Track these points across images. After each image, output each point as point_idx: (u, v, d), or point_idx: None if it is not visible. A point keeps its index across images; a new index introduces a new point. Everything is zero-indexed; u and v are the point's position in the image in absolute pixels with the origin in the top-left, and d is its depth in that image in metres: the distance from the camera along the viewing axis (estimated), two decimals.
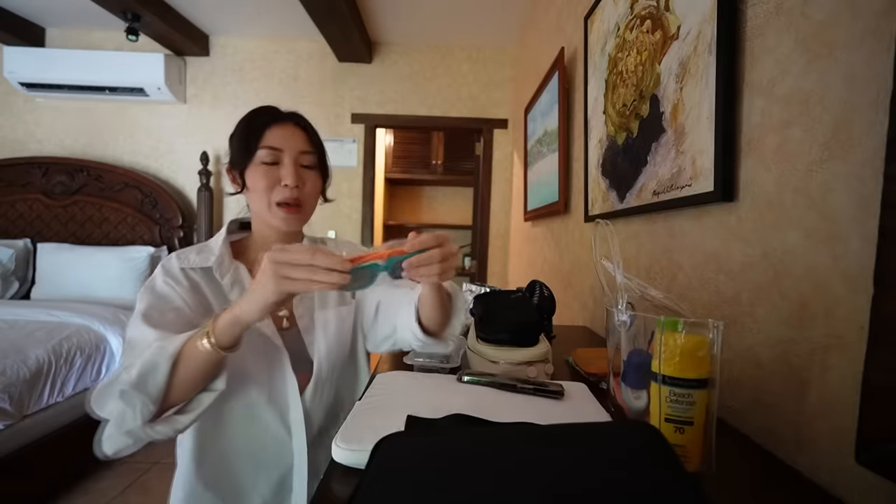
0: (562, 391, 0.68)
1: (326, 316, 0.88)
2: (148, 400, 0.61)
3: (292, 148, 0.80)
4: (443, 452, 0.39)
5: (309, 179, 0.83)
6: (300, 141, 0.82)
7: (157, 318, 0.70)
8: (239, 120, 0.83)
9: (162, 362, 0.61)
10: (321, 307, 0.88)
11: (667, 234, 0.95)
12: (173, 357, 0.62)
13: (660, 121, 0.94)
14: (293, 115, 0.85)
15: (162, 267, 0.79)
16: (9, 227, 2.88)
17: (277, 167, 0.79)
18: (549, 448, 0.38)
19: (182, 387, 0.64)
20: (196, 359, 0.62)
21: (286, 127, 0.81)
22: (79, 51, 2.84)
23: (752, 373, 0.66)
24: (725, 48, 0.72)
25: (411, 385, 0.72)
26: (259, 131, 0.79)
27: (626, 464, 0.37)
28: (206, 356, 0.62)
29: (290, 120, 0.83)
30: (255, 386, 0.78)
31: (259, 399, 0.78)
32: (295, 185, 0.79)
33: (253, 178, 0.80)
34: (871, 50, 0.48)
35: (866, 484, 0.47)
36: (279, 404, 0.79)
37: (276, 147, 0.79)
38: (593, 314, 1.40)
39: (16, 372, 1.72)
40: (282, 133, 0.80)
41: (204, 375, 0.65)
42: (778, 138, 0.62)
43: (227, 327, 0.61)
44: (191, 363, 0.62)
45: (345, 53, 2.99)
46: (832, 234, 0.53)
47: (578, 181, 1.56)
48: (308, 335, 0.85)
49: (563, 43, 1.78)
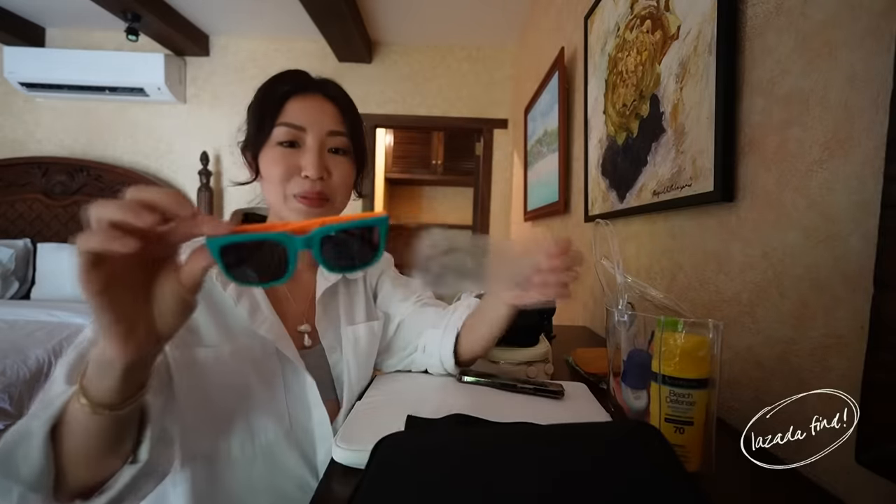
0: (562, 391, 0.68)
1: (356, 333, 0.73)
2: (23, 486, 0.40)
3: (318, 126, 0.63)
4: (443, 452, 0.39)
5: (337, 167, 0.65)
6: (330, 118, 0.65)
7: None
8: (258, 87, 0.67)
9: (35, 431, 0.40)
10: (349, 322, 0.73)
11: (667, 234, 0.95)
12: (52, 421, 0.40)
13: (660, 121, 0.94)
14: (323, 83, 0.68)
15: None
16: (9, 227, 2.88)
17: (298, 151, 0.63)
18: (549, 448, 0.38)
19: (82, 461, 0.41)
20: (77, 423, 0.39)
21: (313, 99, 0.65)
22: (79, 51, 2.84)
23: (752, 373, 0.66)
24: (725, 48, 0.72)
25: (411, 385, 0.72)
26: (278, 103, 0.63)
27: (626, 464, 0.37)
28: (89, 420, 0.38)
29: (317, 90, 0.66)
30: (270, 421, 0.60)
31: (276, 438, 0.60)
32: (318, 177, 0.62)
33: (267, 162, 0.64)
34: (871, 50, 0.48)
35: (866, 484, 0.47)
36: (303, 443, 0.62)
37: (297, 125, 0.63)
38: (593, 314, 1.40)
39: (16, 372, 1.72)
40: (306, 106, 0.64)
41: (100, 447, 0.41)
42: (778, 138, 0.62)
43: (94, 372, 0.37)
44: (74, 433, 0.40)
45: (345, 53, 2.99)
46: (832, 234, 0.53)
47: (578, 181, 1.55)
48: (333, 354, 0.69)
49: (563, 43, 1.78)
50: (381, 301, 0.81)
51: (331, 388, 0.68)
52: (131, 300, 0.33)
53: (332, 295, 0.73)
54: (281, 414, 0.61)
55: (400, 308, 0.79)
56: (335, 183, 0.65)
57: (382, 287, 0.82)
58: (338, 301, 0.74)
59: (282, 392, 0.62)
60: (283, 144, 0.63)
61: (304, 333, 0.69)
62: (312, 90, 0.66)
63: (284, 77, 0.66)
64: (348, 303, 0.75)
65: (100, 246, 0.29)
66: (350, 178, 0.68)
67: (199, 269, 0.34)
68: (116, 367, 0.35)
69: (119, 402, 0.38)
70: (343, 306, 0.74)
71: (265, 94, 0.65)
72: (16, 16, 2.81)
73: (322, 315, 0.70)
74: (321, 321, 0.70)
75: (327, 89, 0.67)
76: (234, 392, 0.58)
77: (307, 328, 0.69)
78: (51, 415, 0.40)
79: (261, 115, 0.64)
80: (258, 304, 0.63)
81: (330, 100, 0.66)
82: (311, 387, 0.63)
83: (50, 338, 1.97)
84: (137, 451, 0.44)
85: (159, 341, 0.36)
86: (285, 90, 0.64)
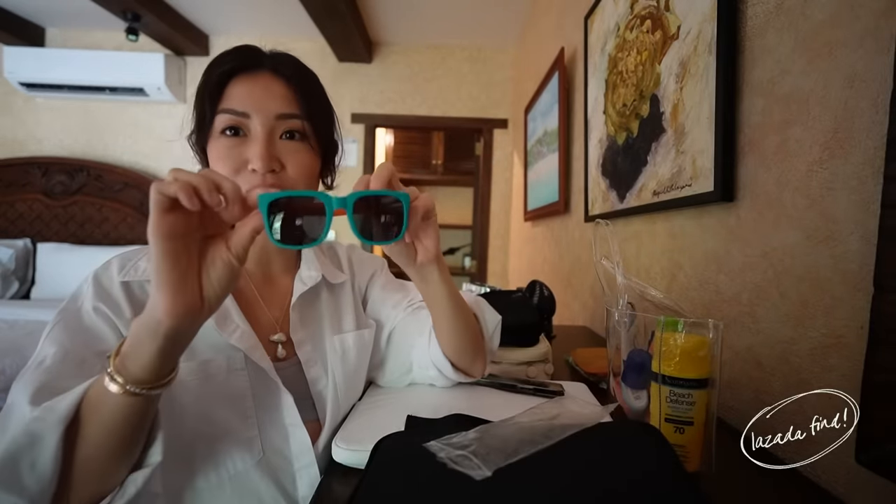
0: (562, 391, 0.68)
1: (344, 343, 0.64)
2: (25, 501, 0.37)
3: (265, 110, 0.54)
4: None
5: (292, 157, 0.56)
6: (279, 99, 0.55)
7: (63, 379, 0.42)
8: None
9: (47, 433, 0.37)
10: (336, 331, 0.65)
11: (667, 234, 0.95)
12: (66, 420, 0.38)
13: (660, 121, 0.94)
14: (272, 56, 0.58)
15: (94, 280, 0.52)
16: (9, 227, 2.88)
17: (245, 140, 0.54)
18: (549, 447, 0.38)
19: (90, 465, 0.39)
20: (104, 409, 0.38)
21: (259, 78, 0.55)
22: (79, 51, 2.84)
23: (752, 373, 0.66)
24: (725, 48, 0.72)
25: (411, 385, 0.72)
26: (218, 86, 0.55)
27: (625, 464, 0.37)
28: (117, 404, 0.37)
29: (265, 67, 0.56)
30: (237, 449, 0.51)
31: (245, 468, 0.51)
32: (268, 170, 0.53)
33: (213, 157, 0.55)
34: (870, 50, 0.48)
35: (866, 484, 0.47)
36: (280, 474, 0.54)
37: (239, 111, 0.53)
38: (593, 314, 1.40)
39: (16, 372, 1.72)
40: (251, 88, 0.55)
41: (121, 440, 0.39)
42: (778, 138, 0.62)
43: (131, 342, 0.37)
44: (96, 427, 0.38)
45: (345, 53, 2.99)
46: (832, 234, 0.53)
47: (578, 181, 1.56)
48: (312, 368, 0.61)
49: (563, 43, 1.78)
50: (371, 307, 0.72)
51: (310, 408, 0.59)
52: (186, 259, 0.36)
53: (311, 301, 0.65)
54: (250, 440, 0.52)
55: (391, 315, 0.70)
56: (292, 175, 0.55)
57: (372, 292, 0.73)
58: (320, 309, 0.66)
59: (252, 413, 0.53)
60: (227, 133, 0.54)
61: (277, 344, 0.60)
62: (258, 68, 0.56)
63: (226, 55, 0.56)
64: (334, 310, 0.67)
65: (175, 193, 0.34)
66: (311, 169, 0.58)
67: (246, 234, 0.37)
68: (161, 330, 0.35)
69: (153, 380, 0.38)
70: (328, 314, 0.66)
71: (206, 76, 0.56)
72: (16, 16, 2.81)
73: (298, 324, 0.61)
74: (297, 331, 0.61)
75: (276, 64, 0.57)
76: (194, 416, 0.50)
77: (281, 338, 0.60)
78: (61, 416, 0.38)
79: (202, 102, 0.56)
80: (227, 311, 0.56)
81: (279, 77, 0.56)
82: (289, 405, 0.55)
83: None
84: (147, 452, 0.43)
85: (203, 310, 0.37)
86: (225, 69, 0.55)
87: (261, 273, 0.64)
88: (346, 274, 0.72)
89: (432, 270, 0.55)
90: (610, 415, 0.61)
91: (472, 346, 0.63)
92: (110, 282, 0.52)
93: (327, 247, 0.75)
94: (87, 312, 0.50)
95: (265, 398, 0.55)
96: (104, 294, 0.51)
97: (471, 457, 0.36)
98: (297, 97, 0.57)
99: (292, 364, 0.60)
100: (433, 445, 0.38)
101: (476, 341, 0.64)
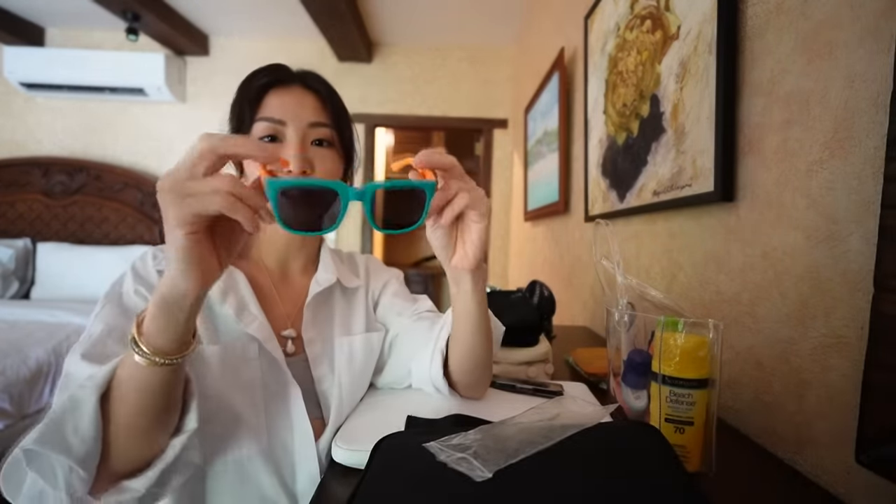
0: (562, 391, 0.68)
1: (352, 344, 0.67)
2: (72, 460, 0.40)
3: (299, 119, 0.61)
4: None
5: (322, 161, 0.62)
6: (310, 110, 0.63)
7: (110, 346, 0.50)
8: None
9: (85, 398, 0.41)
10: (345, 332, 0.68)
11: (667, 234, 0.95)
12: (101, 388, 0.42)
13: (660, 121, 0.94)
14: (302, 74, 0.66)
15: (132, 269, 0.58)
16: (9, 227, 2.88)
17: (280, 146, 0.61)
18: (549, 448, 0.38)
19: (132, 431, 0.43)
20: (135, 382, 0.41)
21: (292, 91, 0.63)
22: (79, 51, 2.84)
23: (752, 373, 0.66)
24: (725, 48, 0.72)
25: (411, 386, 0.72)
26: (256, 97, 0.62)
27: (626, 464, 0.37)
28: (147, 376, 0.41)
29: (296, 82, 0.64)
30: (246, 435, 0.55)
31: (250, 455, 0.55)
32: (301, 171, 0.60)
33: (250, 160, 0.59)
34: (871, 50, 0.48)
35: (866, 484, 0.47)
36: (281, 465, 0.56)
37: (277, 119, 0.61)
38: (593, 314, 1.40)
39: (16, 372, 1.72)
40: (285, 100, 0.62)
41: (155, 408, 0.43)
42: (778, 138, 0.62)
43: (154, 317, 0.40)
44: (131, 393, 0.42)
45: (345, 53, 2.99)
46: (832, 234, 0.53)
47: (578, 181, 1.56)
48: (318, 366, 0.64)
49: (562, 43, 1.78)
50: (380, 312, 0.75)
51: (315, 406, 0.61)
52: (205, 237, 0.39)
53: (324, 302, 0.68)
54: (257, 427, 0.55)
55: (395, 322, 0.72)
56: (320, 176, 0.61)
57: (383, 298, 0.76)
58: (332, 310, 0.69)
59: (261, 402, 0.57)
60: (265, 140, 0.61)
61: (287, 339, 0.64)
62: (291, 82, 0.64)
63: (262, 72, 0.64)
64: (346, 312, 0.70)
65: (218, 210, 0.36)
66: (337, 172, 0.65)
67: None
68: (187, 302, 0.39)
69: (176, 350, 0.41)
70: (339, 316, 0.69)
71: (244, 88, 0.64)
72: (16, 16, 2.82)
73: (310, 322, 0.65)
74: (308, 329, 0.65)
75: (308, 80, 0.65)
76: (212, 398, 0.53)
77: (292, 333, 0.64)
78: (98, 383, 0.42)
79: (240, 112, 0.62)
80: (245, 303, 0.60)
81: (310, 91, 0.64)
82: (296, 397, 0.58)
83: (50, 338, 1.97)
84: (184, 419, 0.47)
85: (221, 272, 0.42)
86: (262, 83, 0.63)
87: (279, 271, 0.69)
88: (361, 280, 0.74)
89: (465, 279, 0.54)
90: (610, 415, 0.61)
91: (481, 369, 0.63)
92: (146, 270, 0.59)
93: (346, 255, 0.79)
94: (127, 294, 0.56)
95: (274, 389, 0.58)
96: (142, 279, 0.57)
97: (471, 459, 0.36)
98: (326, 108, 0.64)
99: (300, 360, 0.64)
100: (433, 446, 0.39)
101: (487, 364, 0.63)
